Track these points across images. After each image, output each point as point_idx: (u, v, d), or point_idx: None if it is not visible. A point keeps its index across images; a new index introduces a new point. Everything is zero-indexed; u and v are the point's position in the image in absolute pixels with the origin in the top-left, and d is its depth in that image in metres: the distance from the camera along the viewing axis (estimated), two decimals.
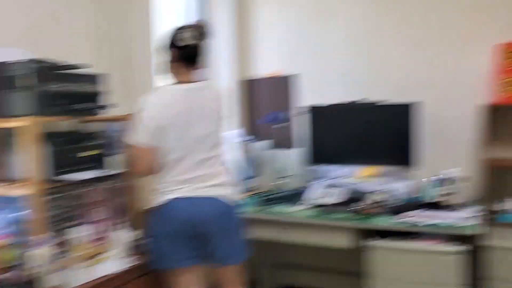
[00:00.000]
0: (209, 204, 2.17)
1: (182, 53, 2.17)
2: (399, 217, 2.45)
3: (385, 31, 3.20)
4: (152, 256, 2.22)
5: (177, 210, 2.15)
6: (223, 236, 2.20)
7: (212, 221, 2.16)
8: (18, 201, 2.06)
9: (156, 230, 2.19)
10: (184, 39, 2.14)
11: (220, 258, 2.23)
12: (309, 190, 2.88)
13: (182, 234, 2.15)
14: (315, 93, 3.42)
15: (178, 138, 2.15)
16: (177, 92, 2.17)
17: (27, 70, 1.99)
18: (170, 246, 2.17)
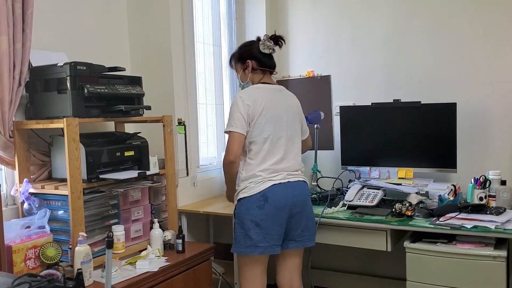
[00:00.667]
0: (299, 189, 2.33)
1: (265, 60, 2.43)
2: (437, 219, 2.40)
3: (417, 31, 3.14)
4: (244, 242, 2.24)
5: (273, 197, 2.24)
6: (306, 218, 2.35)
7: (301, 203, 2.32)
8: (60, 200, 2.13)
9: (254, 216, 2.22)
10: (269, 48, 2.41)
11: (299, 240, 2.35)
12: (346, 191, 2.86)
13: (279, 219, 2.25)
14: (348, 93, 3.39)
15: (269, 130, 2.30)
16: (264, 89, 2.37)
17: (68, 73, 2.06)
18: (260, 231, 2.23)
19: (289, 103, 2.45)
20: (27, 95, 2.21)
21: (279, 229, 2.26)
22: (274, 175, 2.28)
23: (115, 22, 2.79)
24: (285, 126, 2.37)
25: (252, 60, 2.42)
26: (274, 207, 2.23)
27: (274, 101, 2.35)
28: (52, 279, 1.41)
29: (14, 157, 2.16)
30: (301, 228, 2.33)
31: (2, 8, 2.00)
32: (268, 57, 2.43)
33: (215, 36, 3.49)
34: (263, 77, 2.44)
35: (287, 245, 2.34)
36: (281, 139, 2.34)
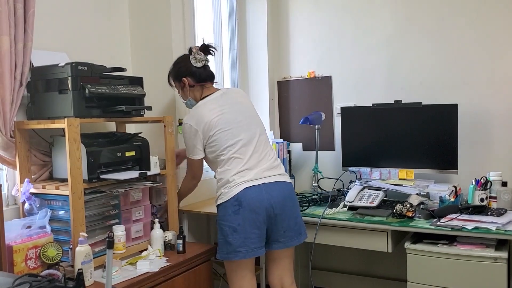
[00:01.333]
0: (276, 189, 2.29)
1: (201, 74, 2.42)
2: (438, 220, 2.40)
3: (418, 32, 3.14)
4: (225, 249, 2.25)
5: (250, 199, 2.22)
6: (287, 219, 2.32)
7: (279, 204, 2.28)
8: (61, 200, 2.13)
9: (230, 222, 2.23)
10: (200, 60, 2.40)
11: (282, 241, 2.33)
12: (346, 192, 2.86)
13: (256, 222, 2.23)
14: (349, 94, 3.39)
15: (230, 135, 2.31)
16: (207, 103, 2.37)
17: (70, 73, 2.06)
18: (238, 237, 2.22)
19: (239, 101, 2.43)
20: (28, 95, 2.22)
21: (258, 232, 2.24)
22: (247, 178, 2.26)
23: (116, 23, 2.79)
24: (246, 127, 2.35)
25: (188, 77, 2.42)
26: (249, 210, 2.21)
27: (222, 109, 2.35)
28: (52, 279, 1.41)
29: (15, 157, 2.16)
30: (283, 229, 2.31)
31: (4, 8, 2.00)
32: (203, 69, 2.42)
33: (216, 36, 3.49)
34: (203, 91, 2.44)
35: (271, 245, 2.34)
36: (247, 141, 2.32)
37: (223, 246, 2.26)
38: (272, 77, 3.68)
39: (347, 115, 3.19)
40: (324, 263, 3.52)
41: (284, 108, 3.68)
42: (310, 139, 3.47)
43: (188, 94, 2.45)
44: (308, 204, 2.82)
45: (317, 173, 3.31)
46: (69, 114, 2.07)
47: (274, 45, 3.69)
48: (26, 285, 1.33)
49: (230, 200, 2.23)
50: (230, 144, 2.30)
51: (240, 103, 2.42)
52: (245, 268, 2.30)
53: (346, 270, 3.49)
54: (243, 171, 2.27)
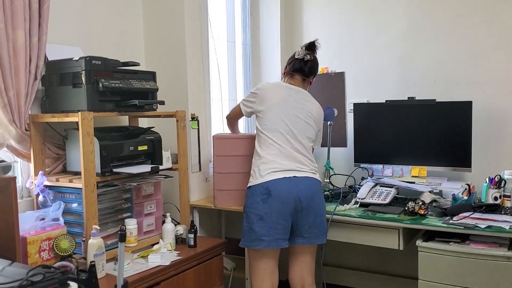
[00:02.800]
0: (306, 184, 2.34)
1: (295, 65, 2.57)
2: (451, 219, 2.38)
3: (433, 28, 3.10)
4: (248, 236, 2.29)
5: (276, 191, 2.27)
6: (313, 214, 2.36)
7: (307, 199, 2.32)
8: (74, 193, 2.15)
9: (258, 209, 2.27)
10: (299, 54, 2.57)
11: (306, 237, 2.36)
12: (358, 189, 2.84)
13: (283, 213, 2.28)
14: (362, 90, 3.37)
15: (276, 120, 2.39)
16: (284, 85, 2.53)
17: (84, 67, 2.07)
18: (263, 225, 2.26)
19: (307, 106, 2.50)
20: (43, 89, 2.24)
21: (284, 224, 2.28)
22: (279, 168, 2.32)
23: (130, 17, 2.80)
24: (295, 124, 2.42)
25: (287, 66, 2.60)
26: (278, 201, 2.26)
27: (287, 97, 2.44)
28: (65, 271, 1.42)
29: (29, 150, 2.18)
30: (308, 224, 2.34)
31: (19, 3, 2.02)
32: (298, 61, 2.56)
33: (229, 31, 3.49)
34: (289, 79, 2.57)
35: (294, 240, 2.36)
36: (288, 134, 2.39)
37: (247, 234, 2.30)
38: None
39: (360, 112, 3.17)
40: (335, 259, 3.51)
41: None
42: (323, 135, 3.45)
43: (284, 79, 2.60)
44: None
45: (329, 169, 3.30)
46: (83, 108, 2.08)
47: (287, 40, 3.67)
48: (40, 276, 1.34)
49: (259, 187, 2.29)
50: (272, 126, 2.38)
51: (306, 106, 2.49)
52: (268, 260, 2.33)
53: (357, 267, 3.48)
54: (276, 160, 2.34)
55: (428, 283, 2.35)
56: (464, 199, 2.56)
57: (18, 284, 1.30)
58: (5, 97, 2.00)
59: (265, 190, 2.27)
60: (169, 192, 2.78)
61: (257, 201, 2.27)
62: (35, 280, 1.32)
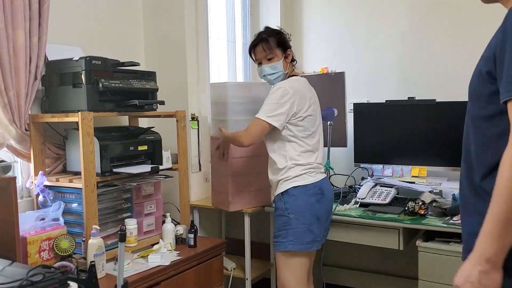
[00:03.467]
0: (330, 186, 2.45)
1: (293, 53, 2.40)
2: (451, 219, 2.38)
3: (433, 28, 3.10)
4: (305, 238, 2.21)
5: (327, 191, 2.31)
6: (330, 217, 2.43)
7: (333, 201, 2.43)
8: (74, 193, 2.15)
9: (315, 210, 2.23)
10: None
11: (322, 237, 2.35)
12: (358, 189, 2.84)
13: (326, 214, 2.31)
14: (362, 90, 3.37)
15: (314, 123, 2.32)
16: (302, 81, 2.36)
17: (84, 67, 2.07)
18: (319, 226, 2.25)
19: (316, 96, 2.43)
20: (43, 89, 2.24)
21: (327, 224, 2.36)
22: (321, 168, 2.34)
23: (130, 17, 2.80)
24: (320, 120, 2.41)
25: (291, 49, 2.39)
26: (328, 201, 2.31)
27: (312, 95, 2.36)
28: (65, 271, 1.42)
29: (29, 150, 2.18)
30: (326, 225, 2.38)
31: (19, 3, 2.02)
32: None
33: (229, 31, 3.49)
34: (293, 69, 2.42)
35: None
36: (319, 134, 2.38)
37: (303, 236, 2.20)
38: None
39: (360, 112, 3.17)
40: (335, 259, 3.51)
41: None
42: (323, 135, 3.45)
43: (287, 67, 2.36)
44: None
45: (329, 169, 3.29)
46: (83, 108, 2.08)
47: None
48: (40, 276, 1.34)
49: (312, 188, 2.23)
50: (313, 131, 2.32)
51: (316, 97, 2.42)
52: (310, 261, 2.34)
53: (357, 267, 3.48)
54: (319, 162, 2.33)
55: (428, 283, 2.35)
56: None
57: (18, 284, 1.30)
58: (5, 97, 2.00)
59: (318, 190, 2.24)
60: (169, 192, 2.78)
61: (312, 201, 2.22)
62: (35, 280, 1.32)
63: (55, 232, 2.04)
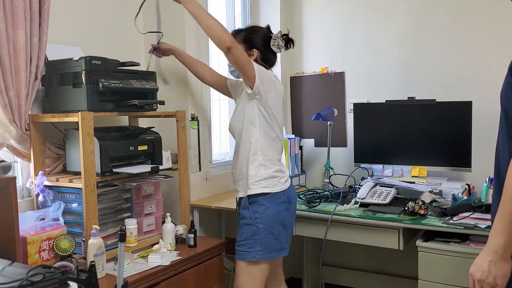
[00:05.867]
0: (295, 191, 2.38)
1: (270, 58, 2.30)
2: (451, 219, 2.38)
3: (433, 28, 3.10)
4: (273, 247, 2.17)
5: (293, 198, 2.28)
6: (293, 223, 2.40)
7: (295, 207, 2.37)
8: (74, 193, 2.15)
9: (283, 219, 2.20)
10: (278, 47, 2.29)
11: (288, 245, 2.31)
12: (358, 189, 2.84)
13: (292, 220, 2.30)
14: (362, 90, 3.37)
15: (279, 120, 2.24)
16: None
17: (84, 67, 2.08)
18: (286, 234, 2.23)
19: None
20: (43, 89, 2.24)
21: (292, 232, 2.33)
22: (287, 173, 2.29)
23: (130, 17, 2.80)
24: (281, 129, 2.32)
25: (258, 50, 2.25)
26: (295, 208, 2.31)
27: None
28: (65, 271, 1.43)
29: (29, 150, 2.18)
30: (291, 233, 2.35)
31: (20, 3, 2.02)
32: (274, 55, 2.32)
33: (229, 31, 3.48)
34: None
35: None
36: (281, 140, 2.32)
37: (271, 245, 2.16)
38: (284, 73, 3.67)
39: (360, 112, 3.17)
40: (334, 259, 3.51)
41: (297, 103, 3.67)
42: (322, 135, 3.46)
43: None
44: (319, 200, 2.81)
45: (329, 169, 3.30)
46: (83, 108, 2.08)
47: None
48: (40, 276, 1.34)
49: (281, 195, 2.19)
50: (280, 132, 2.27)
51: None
52: (271, 268, 2.29)
53: (356, 266, 3.48)
54: (284, 165, 2.29)
55: (428, 283, 2.35)
56: (464, 199, 2.57)
57: (18, 284, 1.30)
58: (5, 97, 2.00)
59: (286, 198, 2.21)
60: (169, 192, 2.78)
61: (281, 210, 2.19)
62: (35, 280, 1.32)
63: (55, 232, 2.04)
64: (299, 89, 3.64)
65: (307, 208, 2.74)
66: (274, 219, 2.16)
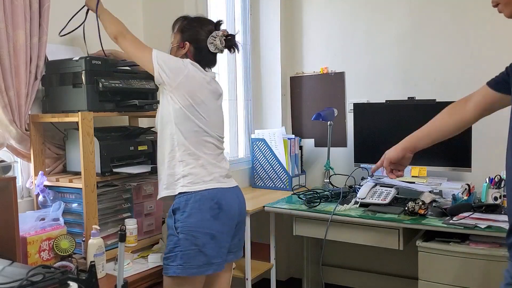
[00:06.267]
0: (241, 194, 2.10)
1: (204, 57, 2.08)
2: (451, 219, 2.38)
3: (433, 28, 3.10)
4: (196, 261, 1.89)
5: (229, 203, 1.98)
6: (243, 226, 2.14)
7: (243, 211, 2.09)
8: (74, 193, 2.15)
9: (209, 228, 1.91)
10: (216, 48, 2.07)
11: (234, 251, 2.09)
12: (358, 189, 2.84)
13: (231, 229, 2.00)
14: (362, 90, 3.37)
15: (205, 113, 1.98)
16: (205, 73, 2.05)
17: (84, 67, 2.07)
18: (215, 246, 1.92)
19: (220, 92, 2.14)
20: (43, 89, 2.24)
21: (230, 241, 2.00)
22: (224, 175, 2.02)
23: (130, 17, 2.80)
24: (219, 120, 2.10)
25: (192, 45, 2.05)
26: (228, 216, 1.95)
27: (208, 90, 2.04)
28: (65, 271, 1.42)
29: (29, 150, 2.18)
30: (238, 237, 2.09)
31: (20, 3, 2.02)
32: (211, 55, 2.10)
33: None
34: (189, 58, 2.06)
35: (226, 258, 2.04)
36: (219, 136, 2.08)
37: (193, 259, 1.87)
38: (284, 73, 3.67)
39: (360, 112, 3.17)
40: (334, 259, 3.51)
41: (297, 103, 3.67)
42: (322, 135, 3.46)
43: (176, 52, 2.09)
44: (319, 200, 2.82)
45: (329, 169, 3.30)
46: (83, 108, 2.08)
47: (287, 40, 3.67)
48: (40, 276, 1.34)
49: (205, 200, 1.91)
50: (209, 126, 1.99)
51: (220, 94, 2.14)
52: (201, 285, 1.98)
53: (356, 267, 3.48)
54: (219, 166, 2.00)
55: (428, 283, 2.35)
56: (464, 199, 2.57)
57: (18, 284, 1.30)
58: (5, 97, 2.00)
59: (215, 204, 1.91)
60: None
61: (207, 218, 1.89)
62: (35, 280, 1.32)
63: (55, 232, 2.04)
64: (299, 89, 3.64)
65: (307, 208, 2.74)
66: (197, 228, 1.88)
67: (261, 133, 3.42)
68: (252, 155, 3.46)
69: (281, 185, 3.34)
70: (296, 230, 2.80)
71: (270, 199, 3.00)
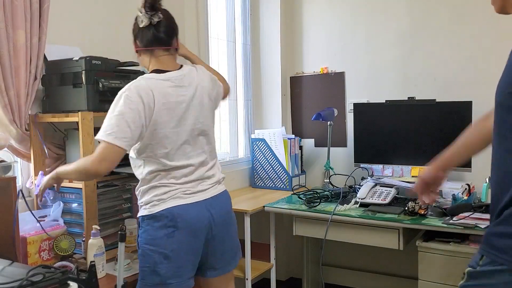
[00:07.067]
0: (218, 206, 1.90)
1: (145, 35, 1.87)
2: (451, 219, 2.38)
3: (433, 28, 3.10)
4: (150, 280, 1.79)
5: (189, 219, 1.80)
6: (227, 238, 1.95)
7: (220, 224, 1.90)
8: (74, 193, 2.15)
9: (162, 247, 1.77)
10: (142, 20, 1.87)
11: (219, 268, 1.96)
12: (358, 189, 2.84)
13: (193, 246, 1.83)
14: (362, 90, 3.37)
15: (171, 135, 1.80)
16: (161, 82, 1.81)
17: (84, 67, 2.07)
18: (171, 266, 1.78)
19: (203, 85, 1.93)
20: (43, 89, 2.24)
21: (194, 259, 1.84)
22: (187, 190, 1.83)
23: (130, 17, 2.79)
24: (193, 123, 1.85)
25: (136, 40, 1.91)
26: (187, 233, 1.78)
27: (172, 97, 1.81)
28: (65, 271, 1.42)
29: (29, 150, 2.18)
30: (220, 252, 1.92)
31: (20, 3, 2.02)
32: (147, 29, 1.84)
33: (229, 31, 3.49)
34: (151, 60, 1.88)
35: (204, 273, 1.93)
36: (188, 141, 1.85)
37: (148, 277, 1.78)
38: (284, 73, 3.67)
39: (360, 112, 3.17)
40: (334, 259, 3.51)
41: (297, 103, 3.67)
42: (322, 135, 3.46)
43: (140, 62, 1.97)
44: (319, 200, 2.82)
45: (329, 169, 3.30)
46: (83, 108, 2.08)
47: (287, 40, 3.67)
48: (40, 276, 1.34)
49: (160, 217, 1.76)
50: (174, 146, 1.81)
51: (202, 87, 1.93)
52: None
53: (356, 266, 3.48)
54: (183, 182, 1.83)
55: (428, 283, 2.35)
56: (464, 199, 2.57)
57: (18, 284, 1.30)
58: (5, 97, 2.00)
59: (170, 222, 1.76)
60: None
61: (160, 236, 1.75)
62: (35, 280, 1.32)
63: (55, 232, 2.04)
64: (299, 89, 3.64)
65: (307, 208, 2.74)
66: (150, 246, 1.77)
67: (261, 133, 3.42)
68: (252, 155, 3.46)
69: (281, 185, 3.34)
70: (296, 230, 2.80)
71: (270, 199, 3.00)
